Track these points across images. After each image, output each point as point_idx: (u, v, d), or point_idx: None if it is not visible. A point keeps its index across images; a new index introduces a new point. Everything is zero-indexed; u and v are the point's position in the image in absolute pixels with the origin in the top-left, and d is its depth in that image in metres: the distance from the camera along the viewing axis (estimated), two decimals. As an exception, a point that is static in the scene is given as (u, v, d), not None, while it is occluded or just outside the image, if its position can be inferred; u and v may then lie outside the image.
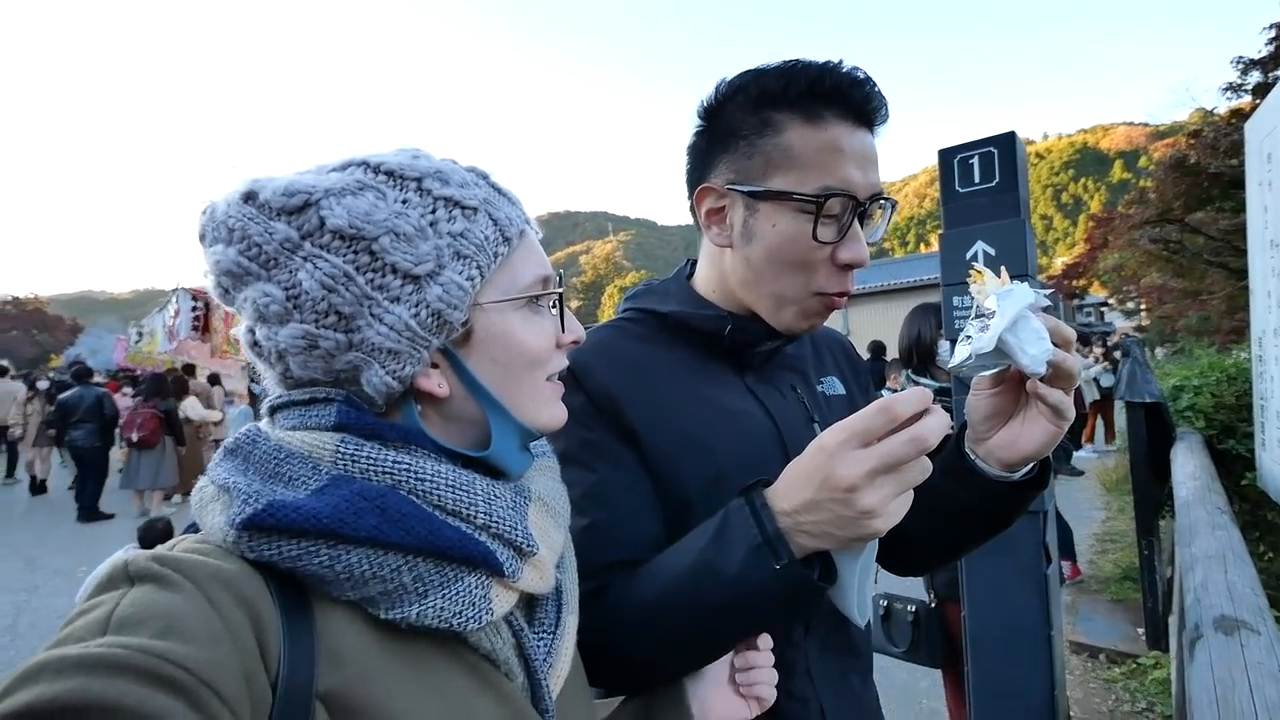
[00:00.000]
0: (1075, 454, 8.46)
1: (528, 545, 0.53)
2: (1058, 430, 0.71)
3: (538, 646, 0.56)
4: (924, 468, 0.57)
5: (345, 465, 0.49)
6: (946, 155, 1.87)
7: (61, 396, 8.39)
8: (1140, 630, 3.72)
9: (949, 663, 2.18)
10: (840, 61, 0.77)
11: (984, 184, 1.79)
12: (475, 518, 0.51)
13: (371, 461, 0.49)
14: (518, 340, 0.56)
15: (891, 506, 0.57)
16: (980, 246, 1.79)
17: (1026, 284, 0.70)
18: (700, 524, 0.68)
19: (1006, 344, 0.66)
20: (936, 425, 0.57)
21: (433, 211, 0.52)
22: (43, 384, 11.06)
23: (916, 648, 2.18)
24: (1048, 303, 0.70)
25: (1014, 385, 0.73)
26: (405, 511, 0.47)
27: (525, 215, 0.60)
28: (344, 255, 0.49)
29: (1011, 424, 0.74)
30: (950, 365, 0.73)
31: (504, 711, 0.51)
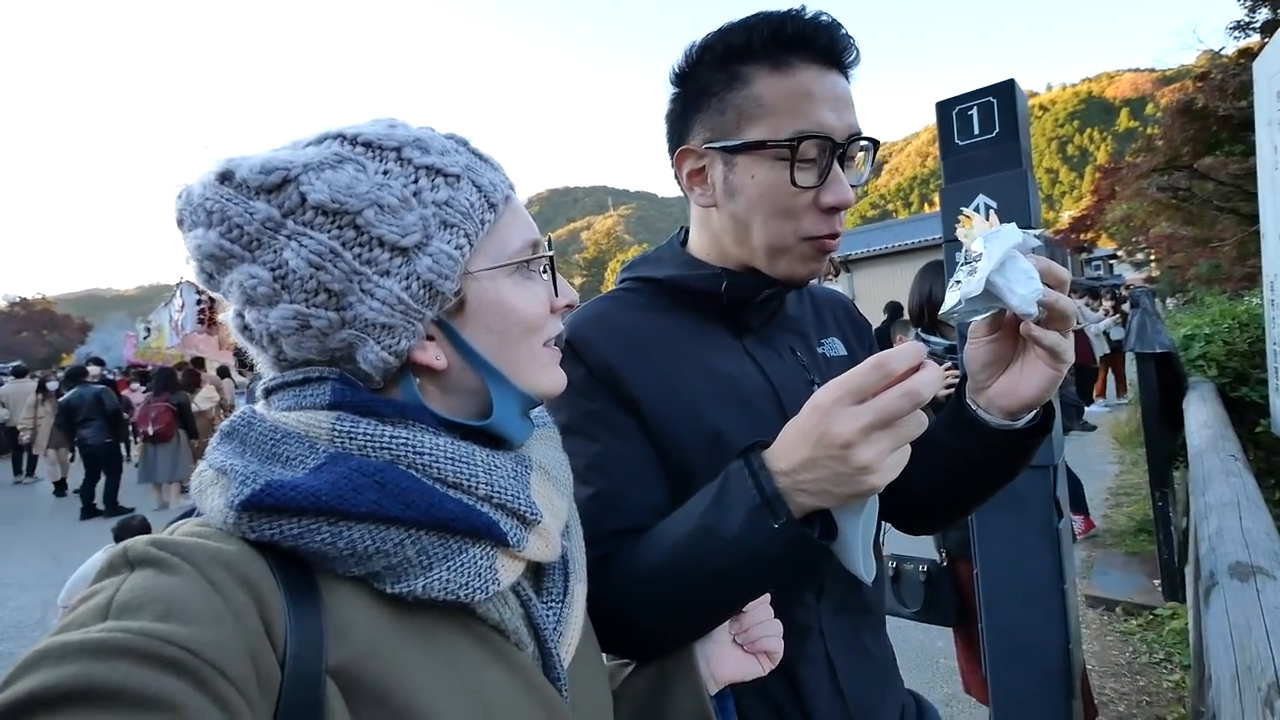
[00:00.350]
0: (1087, 409, 8.43)
1: (531, 513, 0.53)
2: (1056, 374, 0.70)
3: (546, 616, 0.56)
4: (919, 422, 0.57)
5: (342, 442, 0.48)
6: (944, 107, 1.81)
7: (62, 400, 8.65)
8: (1156, 582, 3.74)
9: (961, 621, 2.20)
10: (803, 7, 0.77)
11: (984, 135, 1.74)
12: (476, 489, 0.50)
13: (368, 438, 0.48)
14: (511, 306, 0.56)
15: (888, 462, 0.57)
16: (982, 200, 1.74)
17: (1013, 225, 0.69)
18: (704, 483, 0.69)
19: (995, 286, 0.65)
20: (930, 379, 0.56)
21: (415, 181, 0.51)
22: (53, 385, 10.83)
23: (929, 607, 2.20)
24: (1037, 243, 0.68)
25: (1010, 331, 0.73)
26: (405, 485, 0.47)
27: (508, 181, 0.59)
28: (329, 231, 0.48)
29: (1010, 370, 0.74)
30: (942, 312, 0.72)
31: (515, 680, 0.51)
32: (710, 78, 0.80)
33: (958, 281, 0.69)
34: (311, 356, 0.52)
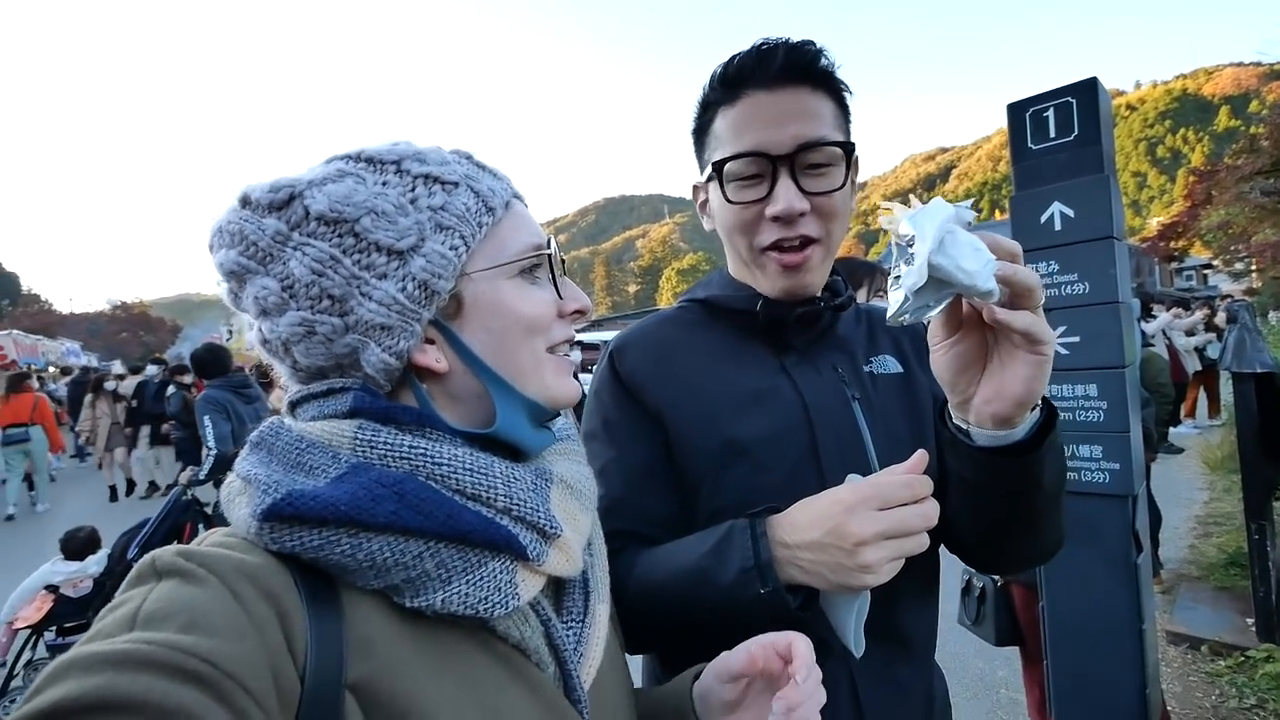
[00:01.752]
0: (1174, 430, 7.80)
1: (550, 527, 0.52)
2: (1041, 359, 0.61)
3: (567, 636, 0.55)
4: (922, 542, 0.64)
5: (363, 452, 0.49)
6: (1017, 110, 1.71)
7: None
8: (1250, 621, 3.41)
9: (1010, 641, 2.19)
10: (762, 41, 0.83)
11: (1061, 138, 1.63)
12: (495, 501, 0.50)
13: (388, 447, 0.49)
14: (509, 307, 0.56)
15: (886, 567, 0.63)
16: (1057, 208, 1.63)
17: (939, 199, 0.59)
18: (708, 501, 0.79)
19: (939, 268, 0.56)
20: (934, 510, 0.64)
21: (412, 189, 0.53)
22: (110, 384, 9.86)
23: (981, 622, 2.25)
24: (973, 215, 0.59)
25: (974, 326, 0.65)
26: (424, 497, 0.47)
27: (512, 189, 0.60)
28: (329, 240, 0.51)
29: (990, 370, 0.65)
30: (889, 317, 0.60)
31: (536, 702, 0.50)
32: (699, 123, 0.91)
33: (896, 278, 0.59)
34: (321, 364, 0.54)
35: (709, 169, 0.87)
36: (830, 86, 0.84)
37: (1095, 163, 1.58)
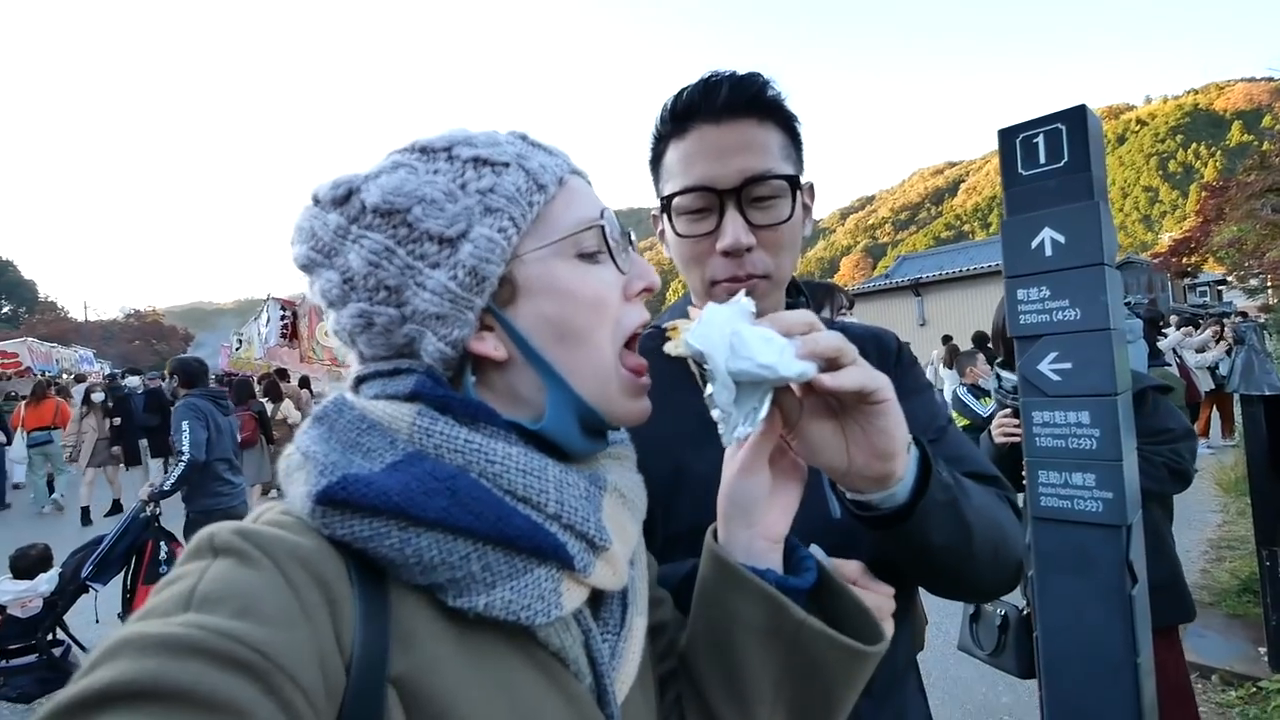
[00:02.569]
0: (1185, 450, 7.66)
1: (600, 539, 0.51)
2: (885, 403, 0.57)
3: (603, 648, 0.55)
4: None
5: (420, 440, 0.49)
6: (1007, 136, 1.70)
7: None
8: (1262, 650, 3.33)
9: (1033, 675, 2.04)
10: (710, 74, 0.84)
11: (1051, 164, 1.62)
12: (546, 505, 0.49)
13: (444, 438, 0.49)
14: (565, 288, 0.54)
15: None
16: (1048, 234, 1.62)
17: (710, 304, 0.57)
18: (663, 527, 0.81)
19: (741, 373, 0.53)
20: (888, 631, 0.63)
21: (462, 174, 0.53)
22: (98, 396, 9.23)
23: (1000, 653, 2.09)
24: (752, 305, 0.57)
25: (816, 409, 0.60)
26: (475, 495, 0.47)
27: (569, 165, 0.59)
28: (384, 231, 0.52)
29: (851, 438, 0.60)
30: (726, 441, 0.58)
31: (571, 713, 0.50)
32: (654, 154, 0.92)
33: (718, 410, 0.56)
34: (383, 354, 0.54)
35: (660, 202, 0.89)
36: (778, 117, 0.85)
37: (1085, 189, 1.58)
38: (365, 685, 0.42)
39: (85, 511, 8.50)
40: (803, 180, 0.90)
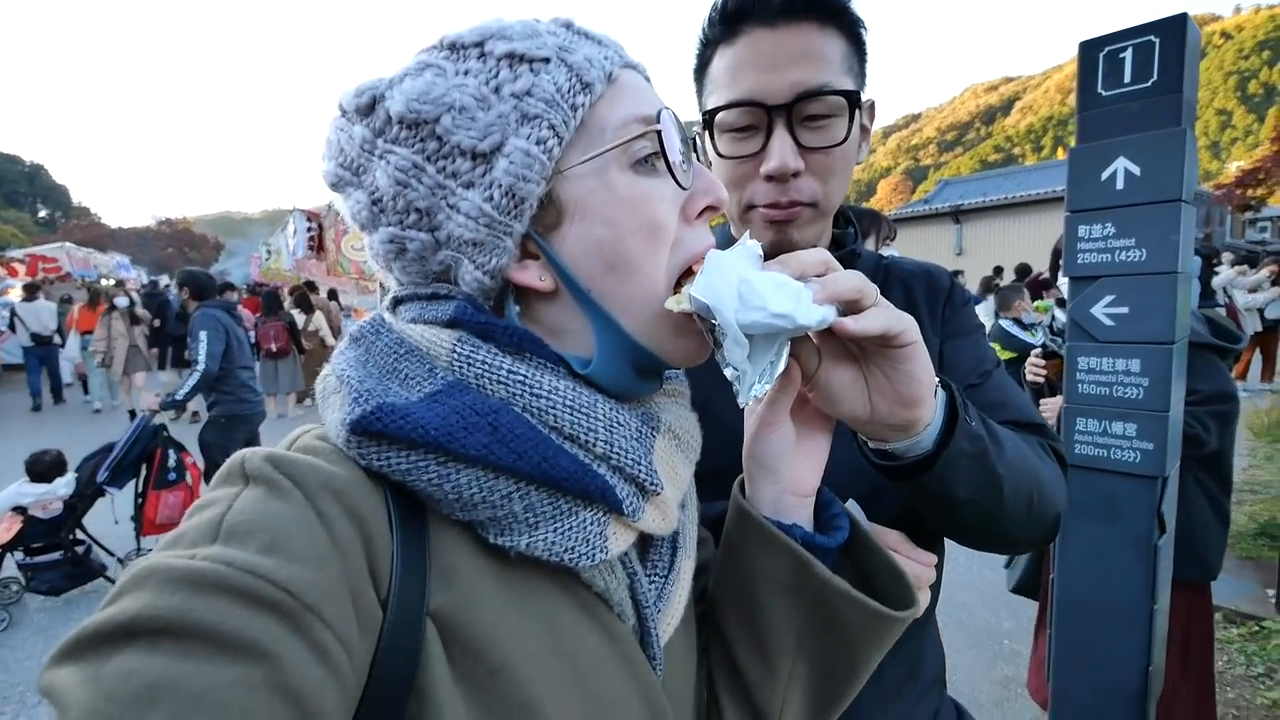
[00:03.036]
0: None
1: (650, 482, 0.48)
2: (911, 346, 0.52)
3: (649, 590, 0.53)
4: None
5: (460, 368, 0.45)
6: (1090, 49, 1.53)
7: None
8: (1270, 592, 3.37)
9: (1023, 592, 2.24)
10: None
11: (1137, 84, 1.46)
12: (594, 445, 0.46)
13: (485, 367, 0.45)
14: (614, 208, 0.47)
15: None
16: (1122, 164, 1.48)
17: (711, 249, 0.50)
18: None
19: (753, 325, 0.47)
20: (923, 603, 0.61)
21: (495, 75, 0.46)
22: (122, 301, 9.04)
23: (1011, 565, 2.32)
24: (758, 248, 0.50)
25: (837, 355, 0.55)
26: (519, 432, 0.43)
27: (621, 57, 0.50)
28: (412, 145, 0.46)
29: (874, 385, 0.55)
30: (743, 401, 0.51)
31: (612, 652, 0.49)
32: (699, 62, 0.83)
33: (731, 369, 0.49)
34: (419, 281, 0.50)
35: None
36: (842, 21, 0.75)
37: (1173, 114, 1.42)
38: (403, 620, 0.40)
39: (132, 414, 8.75)
40: (864, 97, 0.80)
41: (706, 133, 0.80)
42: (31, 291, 10.41)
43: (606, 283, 0.48)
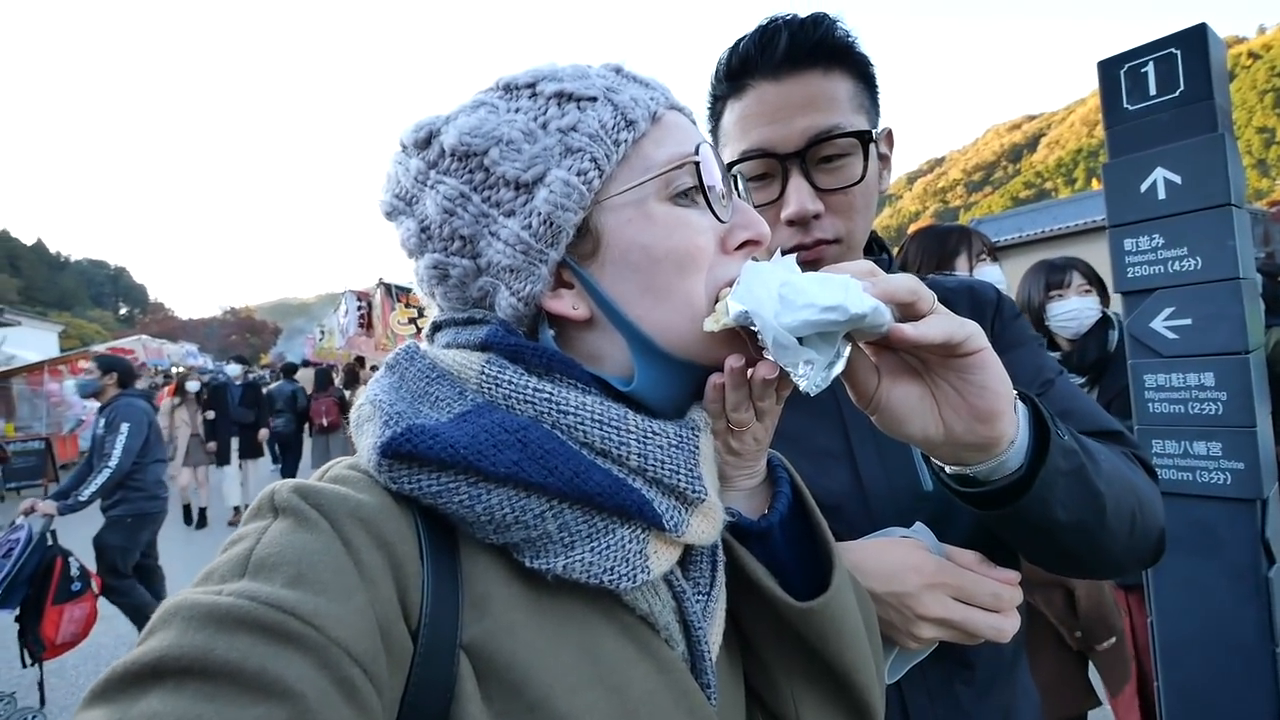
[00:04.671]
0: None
1: (694, 491, 0.46)
2: (978, 354, 0.49)
3: (697, 611, 0.49)
4: (974, 643, 0.64)
5: (489, 390, 0.45)
6: (1110, 67, 1.53)
7: (267, 389, 9.43)
8: None
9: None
10: (767, 20, 0.76)
11: (1163, 95, 1.44)
12: (628, 459, 0.44)
13: (512, 387, 0.45)
14: (651, 239, 0.47)
15: (930, 639, 0.64)
16: (1161, 174, 1.44)
17: (747, 262, 0.49)
18: None
19: (800, 324, 0.44)
20: (1011, 626, 0.63)
21: (544, 112, 0.48)
22: (193, 385, 8.24)
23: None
24: (793, 259, 0.48)
25: (894, 370, 0.53)
26: (548, 448, 0.42)
27: (668, 99, 0.52)
28: (460, 176, 0.48)
29: (942, 400, 0.52)
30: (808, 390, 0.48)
31: (663, 682, 0.45)
32: (711, 117, 0.84)
33: (803, 368, 0.46)
34: (460, 308, 0.52)
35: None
36: (847, 63, 0.76)
37: (1207, 120, 1.39)
38: (434, 652, 0.39)
39: (186, 510, 7.81)
40: (878, 129, 0.81)
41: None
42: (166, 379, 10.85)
43: (642, 306, 0.48)
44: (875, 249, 0.92)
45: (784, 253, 0.76)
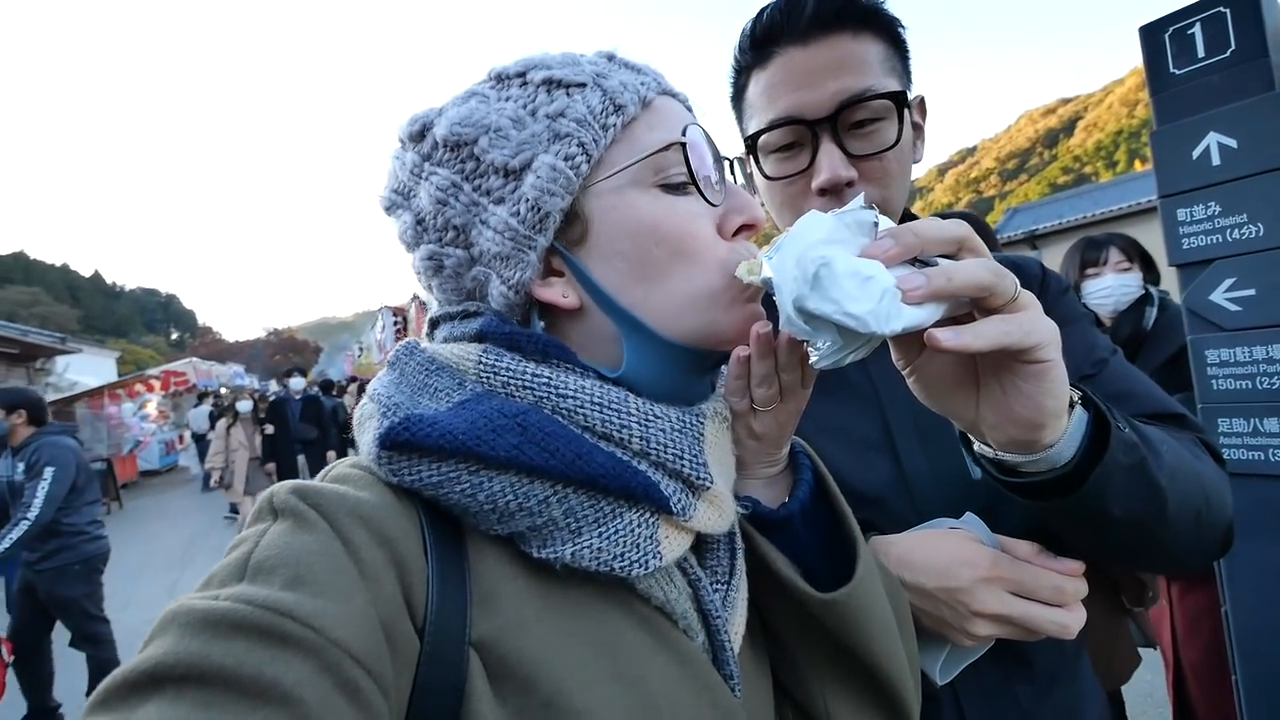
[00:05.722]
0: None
1: (698, 476, 0.45)
2: (1041, 365, 0.44)
3: (715, 599, 0.48)
4: (1035, 639, 0.60)
5: (487, 378, 0.45)
6: (1153, 31, 1.46)
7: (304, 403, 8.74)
8: None
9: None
10: None
11: (1212, 57, 1.37)
12: (630, 441, 0.43)
13: (510, 374, 0.45)
14: (641, 221, 0.46)
15: (986, 637, 0.60)
16: (1214, 139, 1.37)
17: (811, 212, 0.43)
18: None
19: (818, 312, 0.40)
20: (1076, 621, 0.58)
21: (533, 99, 0.48)
22: (244, 405, 7.45)
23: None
24: (871, 217, 0.42)
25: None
26: (549, 431, 0.42)
27: (660, 84, 0.50)
28: (452, 166, 0.48)
29: (985, 389, 0.48)
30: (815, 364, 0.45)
31: (683, 675, 0.44)
32: (734, 89, 0.82)
33: (813, 346, 0.44)
34: (455, 299, 0.51)
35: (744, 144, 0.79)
36: (876, 25, 0.73)
37: (1262, 79, 1.31)
38: (442, 650, 0.38)
39: None
40: (911, 94, 0.78)
41: (751, 159, 0.80)
42: (202, 398, 12.55)
43: (635, 293, 0.47)
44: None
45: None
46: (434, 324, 0.53)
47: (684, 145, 0.47)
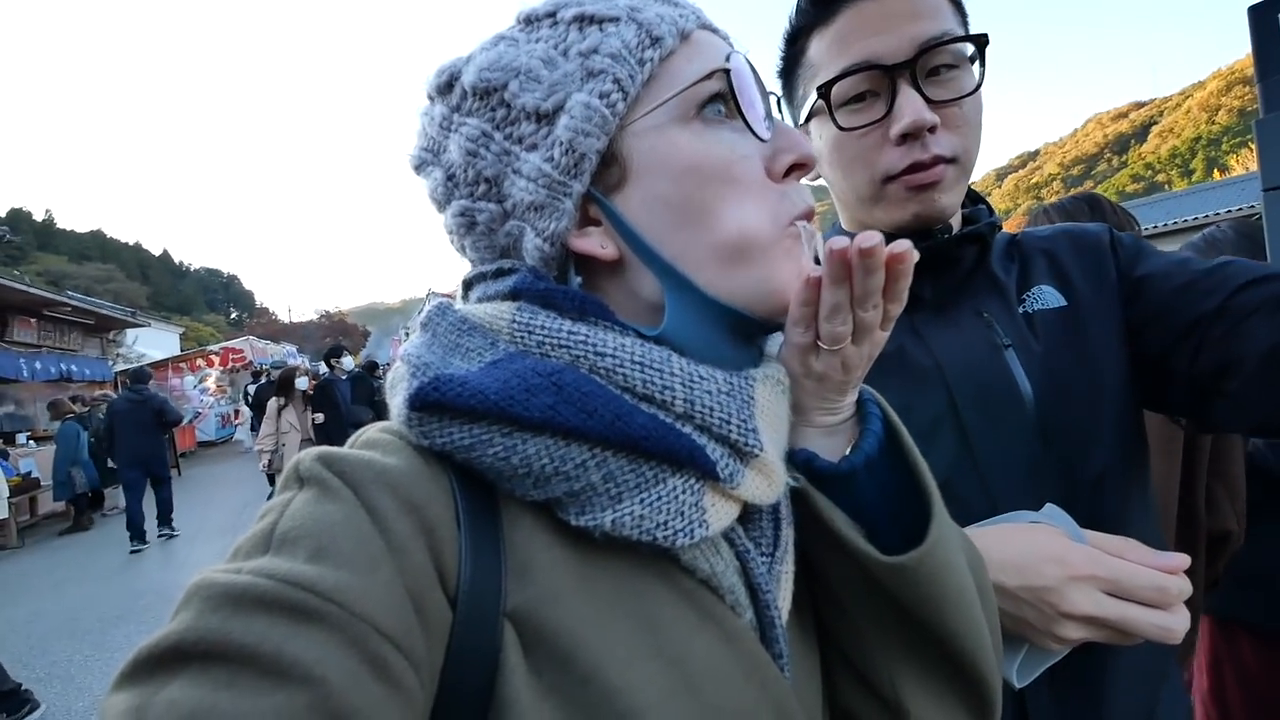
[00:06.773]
0: None
1: (747, 443, 0.41)
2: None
3: (763, 573, 0.45)
4: (1132, 643, 0.56)
5: (521, 337, 0.43)
6: (1264, 11, 1.35)
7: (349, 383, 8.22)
8: None
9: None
10: None
11: (1335, 37, 1.25)
12: (673, 404, 0.41)
13: (545, 332, 0.42)
14: (682, 158, 0.43)
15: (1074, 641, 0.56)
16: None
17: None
18: None
19: None
20: (1180, 624, 0.54)
21: (564, 38, 0.45)
22: (302, 382, 7.04)
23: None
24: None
25: None
26: (586, 390, 0.39)
27: (699, 18, 0.47)
28: (482, 115, 0.46)
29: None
30: None
31: (728, 653, 0.41)
32: (787, 59, 0.80)
33: None
34: (489, 257, 0.49)
35: (808, 103, 0.75)
36: None
37: (1394, 62, 1.20)
38: (476, 620, 0.36)
39: None
40: None
41: (817, 119, 0.76)
42: (257, 375, 13.78)
43: (678, 241, 0.44)
44: (969, 201, 0.84)
45: (898, 174, 0.70)
46: (468, 285, 0.51)
47: (728, 72, 0.44)
